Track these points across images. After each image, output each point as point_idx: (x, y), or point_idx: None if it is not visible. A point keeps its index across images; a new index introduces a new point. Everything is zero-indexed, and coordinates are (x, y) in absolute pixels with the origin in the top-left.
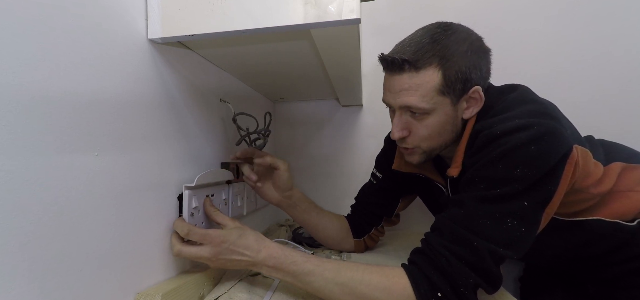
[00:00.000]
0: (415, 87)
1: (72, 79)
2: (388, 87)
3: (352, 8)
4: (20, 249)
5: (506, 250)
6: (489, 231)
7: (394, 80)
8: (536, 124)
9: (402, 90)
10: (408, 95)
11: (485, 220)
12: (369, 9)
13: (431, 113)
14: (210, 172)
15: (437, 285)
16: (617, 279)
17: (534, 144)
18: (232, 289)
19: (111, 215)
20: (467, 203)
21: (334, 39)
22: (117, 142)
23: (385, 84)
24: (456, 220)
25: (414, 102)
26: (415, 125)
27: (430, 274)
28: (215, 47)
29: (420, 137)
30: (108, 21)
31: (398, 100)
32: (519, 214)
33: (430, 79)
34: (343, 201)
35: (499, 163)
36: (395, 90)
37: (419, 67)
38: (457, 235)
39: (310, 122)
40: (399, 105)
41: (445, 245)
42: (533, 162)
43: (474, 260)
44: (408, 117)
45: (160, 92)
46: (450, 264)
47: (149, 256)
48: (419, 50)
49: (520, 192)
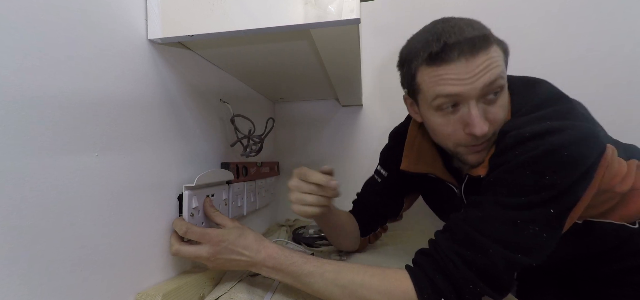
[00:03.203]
0: (493, 61)
1: (72, 79)
2: (457, 76)
3: (352, 8)
4: (19, 249)
5: (524, 257)
6: (508, 237)
7: (468, 64)
8: (570, 127)
9: (482, 69)
10: (489, 71)
11: (506, 226)
12: (369, 9)
13: (504, 89)
14: (211, 172)
15: (441, 290)
16: (612, 276)
17: (566, 148)
18: (232, 290)
19: (111, 215)
20: (487, 206)
21: (334, 39)
22: (117, 142)
23: (445, 76)
24: (472, 224)
25: (498, 74)
26: (491, 111)
27: (435, 278)
28: (215, 47)
29: (499, 121)
30: (108, 21)
31: (479, 81)
32: (544, 221)
33: (499, 51)
34: (343, 201)
35: (527, 169)
36: (473, 73)
37: (490, 41)
38: (470, 239)
39: (310, 122)
40: (482, 85)
41: (455, 249)
42: (564, 168)
43: (485, 268)
44: (482, 106)
45: (160, 92)
46: (458, 269)
47: (149, 256)
48: (479, 27)
49: (547, 200)
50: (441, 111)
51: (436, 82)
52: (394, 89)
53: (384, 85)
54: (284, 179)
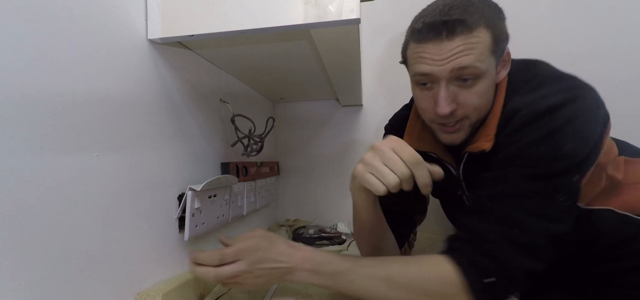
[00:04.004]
0: (470, 47)
1: (72, 79)
2: (431, 56)
3: (352, 8)
4: (19, 249)
5: (557, 226)
6: (540, 209)
7: (441, 46)
8: (580, 96)
9: (455, 54)
10: (462, 57)
11: (535, 198)
12: (369, 9)
13: (482, 77)
14: (217, 179)
15: (486, 269)
16: (615, 276)
17: (580, 118)
18: (232, 290)
19: (111, 215)
20: (514, 181)
21: (334, 39)
22: (117, 142)
23: (422, 54)
24: (500, 200)
25: (471, 61)
26: (463, 95)
27: (477, 259)
28: (215, 47)
29: (471, 106)
30: (108, 21)
31: (449, 65)
32: (569, 189)
33: (483, 38)
34: (343, 201)
35: (548, 142)
36: (445, 56)
37: (472, 26)
38: (503, 216)
39: (310, 122)
40: (451, 69)
41: (490, 228)
42: (581, 136)
43: (524, 241)
44: (454, 88)
45: (160, 92)
46: (499, 246)
47: (149, 256)
48: (466, 10)
49: (570, 168)
50: (419, 86)
51: (416, 59)
52: (394, 89)
53: (384, 85)
54: (284, 179)
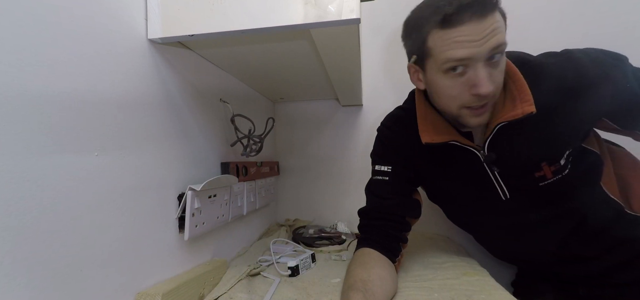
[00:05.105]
0: (500, 24)
1: (72, 79)
2: (468, 38)
3: (352, 8)
4: (20, 249)
5: None
6: None
7: (480, 26)
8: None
9: (493, 30)
10: (497, 34)
11: None
12: (369, 9)
13: (504, 54)
14: (218, 179)
15: None
16: (605, 275)
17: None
18: (232, 289)
19: (111, 215)
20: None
21: (334, 39)
22: (116, 142)
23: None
24: None
25: (504, 38)
26: (494, 74)
27: None
28: (215, 47)
29: (499, 85)
30: (108, 21)
31: (487, 44)
32: None
33: (501, 18)
34: (343, 201)
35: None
36: (484, 34)
37: (495, 4)
38: None
39: (310, 122)
40: (491, 48)
41: None
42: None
43: None
44: (488, 68)
45: (160, 92)
46: None
47: (149, 256)
48: None
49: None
50: (449, 73)
51: (448, 45)
52: (394, 89)
53: (384, 85)
54: (284, 179)
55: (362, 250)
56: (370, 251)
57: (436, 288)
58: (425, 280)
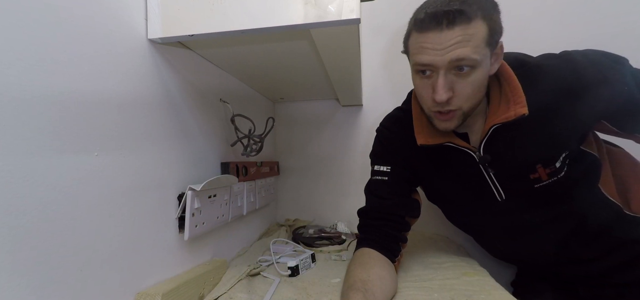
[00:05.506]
0: (467, 39)
1: (72, 79)
2: (431, 46)
3: (352, 8)
4: (20, 249)
5: None
6: None
7: (441, 36)
8: None
9: (454, 44)
10: (460, 48)
11: None
12: (369, 9)
13: (477, 67)
14: (218, 179)
15: None
16: (605, 276)
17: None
18: (232, 289)
19: (111, 215)
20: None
21: (334, 39)
22: (116, 142)
23: (423, 44)
24: None
25: (468, 53)
26: (459, 83)
27: None
28: (215, 47)
29: (464, 96)
30: (108, 21)
31: (448, 55)
32: None
33: (480, 29)
34: (343, 201)
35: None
36: (444, 46)
37: (470, 17)
38: None
39: (310, 122)
40: (450, 60)
41: None
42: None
43: None
44: (451, 77)
45: (160, 92)
46: None
47: (149, 256)
48: (465, 1)
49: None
50: (420, 74)
51: (417, 49)
52: (394, 89)
53: (384, 85)
54: (284, 179)
55: (361, 250)
56: (369, 251)
57: (436, 288)
58: (425, 280)
